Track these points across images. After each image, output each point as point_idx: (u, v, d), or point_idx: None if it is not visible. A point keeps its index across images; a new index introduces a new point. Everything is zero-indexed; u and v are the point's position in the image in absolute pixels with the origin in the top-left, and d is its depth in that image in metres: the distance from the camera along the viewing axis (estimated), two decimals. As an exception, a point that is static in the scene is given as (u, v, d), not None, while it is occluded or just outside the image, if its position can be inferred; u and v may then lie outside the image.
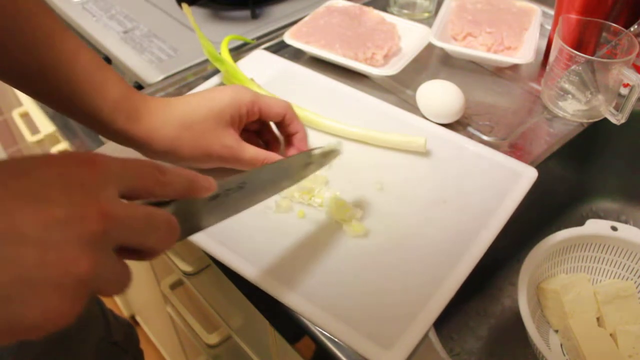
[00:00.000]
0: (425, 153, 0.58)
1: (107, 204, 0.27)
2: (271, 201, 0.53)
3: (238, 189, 0.39)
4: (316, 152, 0.48)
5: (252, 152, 0.52)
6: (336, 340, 0.44)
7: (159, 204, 0.33)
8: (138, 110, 0.48)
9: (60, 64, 0.44)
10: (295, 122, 0.55)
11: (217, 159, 0.51)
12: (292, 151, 0.56)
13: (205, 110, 0.50)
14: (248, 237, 0.50)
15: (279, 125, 0.56)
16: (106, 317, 0.67)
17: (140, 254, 0.31)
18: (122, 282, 0.29)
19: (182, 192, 0.34)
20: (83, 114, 0.47)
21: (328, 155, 0.50)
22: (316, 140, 0.60)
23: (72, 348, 0.58)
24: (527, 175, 0.55)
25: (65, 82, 0.45)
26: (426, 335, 0.44)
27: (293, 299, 0.45)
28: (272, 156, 0.53)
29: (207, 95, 0.51)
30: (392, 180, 0.56)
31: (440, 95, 0.62)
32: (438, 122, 0.63)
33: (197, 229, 0.37)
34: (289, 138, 0.56)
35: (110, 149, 0.58)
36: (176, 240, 0.33)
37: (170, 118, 0.49)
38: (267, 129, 0.57)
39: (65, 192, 0.26)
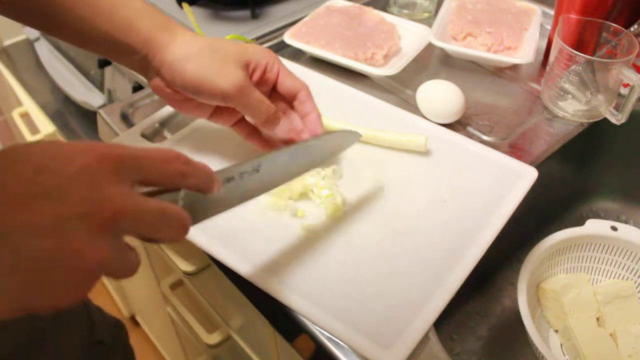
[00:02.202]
0: (425, 152, 0.58)
1: (119, 200, 0.30)
2: (271, 201, 0.53)
3: (253, 172, 0.39)
4: (333, 134, 0.48)
5: (260, 95, 0.50)
6: (336, 340, 0.44)
7: (168, 191, 0.34)
8: (167, 21, 0.50)
9: None
10: (309, 103, 0.53)
11: (226, 86, 0.48)
12: (304, 134, 0.54)
13: (230, 45, 0.50)
14: (248, 237, 0.50)
15: (293, 104, 0.54)
16: (91, 317, 0.67)
17: (148, 239, 0.33)
18: (130, 268, 0.32)
19: (198, 186, 0.35)
20: (103, 33, 0.47)
21: (346, 137, 0.49)
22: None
23: (50, 349, 0.58)
24: (527, 175, 0.55)
25: (78, 2, 0.47)
26: (426, 335, 0.44)
27: (293, 299, 0.45)
28: (278, 110, 0.52)
29: (237, 41, 0.53)
30: (392, 180, 0.56)
31: (440, 95, 0.62)
32: (438, 122, 0.63)
33: (209, 214, 0.37)
34: (302, 119, 0.54)
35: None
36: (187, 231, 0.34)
37: (197, 37, 0.50)
38: (276, 99, 0.55)
39: (82, 188, 0.29)
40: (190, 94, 0.50)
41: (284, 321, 0.47)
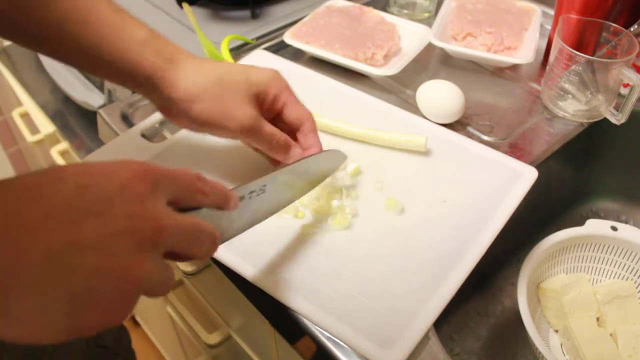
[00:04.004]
0: (425, 152, 0.58)
1: (160, 216, 0.30)
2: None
3: (260, 191, 0.41)
4: (321, 153, 0.49)
5: (271, 129, 0.50)
6: (336, 340, 0.44)
7: (189, 210, 0.35)
8: (171, 53, 0.47)
9: (76, 12, 0.45)
10: (311, 136, 0.52)
11: (236, 126, 0.48)
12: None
13: (240, 76, 0.49)
14: (248, 238, 0.50)
15: (295, 134, 0.53)
16: None
17: (181, 257, 0.34)
18: (167, 284, 0.32)
19: (217, 203, 0.36)
20: (108, 62, 0.46)
21: (335, 157, 0.51)
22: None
23: (56, 355, 0.58)
24: (528, 175, 0.55)
25: (84, 30, 0.45)
26: (426, 335, 0.44)
27: (293, 300, 0.45)
28: (289, 140, 0.51)
29: (246, 65, 0.50)
30: (392, 180, 0.56)
31: (440, 95, 0.62)
32: (438, 122, 0.63)
33: (226, 235, 0.39)
34: (303, 151, 0.53)
35: (110, 150, 0.58)
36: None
37: (203, 69, 0.48)
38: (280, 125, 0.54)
39: (124, 204, 0.29)
40: (198, 130, 0.50)
41: (284, 321, 0.47)
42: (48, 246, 0.26)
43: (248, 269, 0.47)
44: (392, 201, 0.53)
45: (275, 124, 0.52)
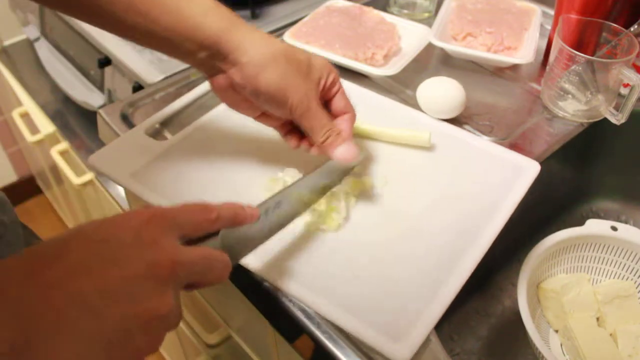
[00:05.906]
0: (429, 148, 0.58)
1: (174, 253, 0.32)
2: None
3: (276, 207, 0.43)
4: (335, 166, 0.50)
5: (326, 117, 0.49)
6: (335, 338, 0.44)
7: (209, 236, 0.37)
8: (236, 18, 0.48)
9: None
10: (347, 124, 0.52)
11: (297, 102, 0.47)
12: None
13: (302, 56, 0.49)
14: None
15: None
16: None
17: (198, 285, 0.36)
18: (179, 320, 0.33)
19: (230, 223, 0.38)
20: (167, 28, 0.46)
21: (347, 171, 0.52)
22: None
23: None
24: (531, 169, 0.55)
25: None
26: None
27: (299, 292, 0.46)
28: (339, 134, 0.50)
29: (306, 51, 0.51)
30: (397, 175, 0.56)
31: (441, 90, 0.62)
32: (439, 117, 0.63)
33: (246, 251, 0.41)
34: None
35: (109, 151, 0.58)
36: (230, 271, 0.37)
37: (269, 39, 0.48)
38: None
39: (140, 250, 0.31)
40: (254, 99, 0.49)
41: (283, 321, 0.47)
42: (78, 292, 0.28)
43: (254, 263, 0.47)
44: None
45: None
